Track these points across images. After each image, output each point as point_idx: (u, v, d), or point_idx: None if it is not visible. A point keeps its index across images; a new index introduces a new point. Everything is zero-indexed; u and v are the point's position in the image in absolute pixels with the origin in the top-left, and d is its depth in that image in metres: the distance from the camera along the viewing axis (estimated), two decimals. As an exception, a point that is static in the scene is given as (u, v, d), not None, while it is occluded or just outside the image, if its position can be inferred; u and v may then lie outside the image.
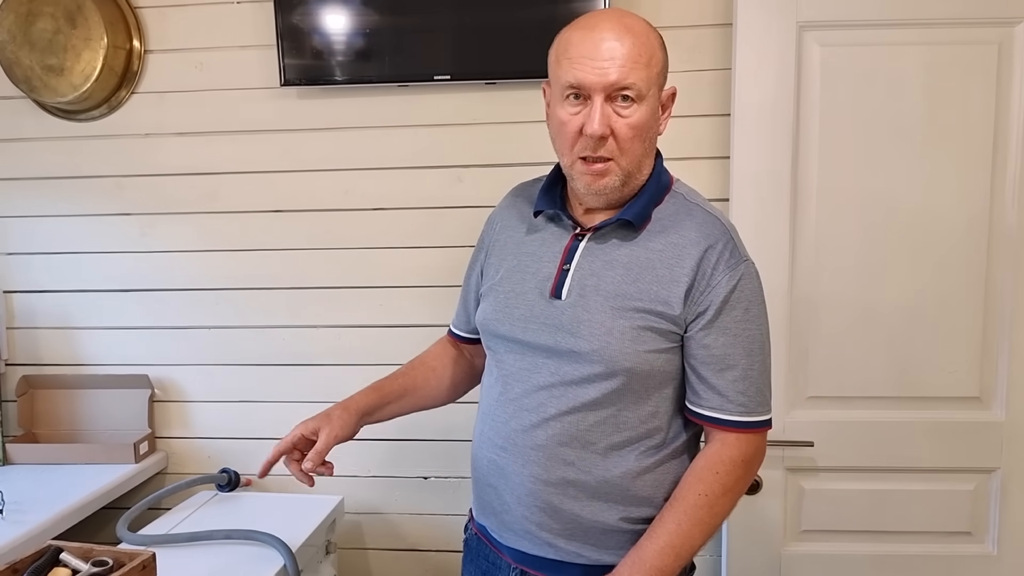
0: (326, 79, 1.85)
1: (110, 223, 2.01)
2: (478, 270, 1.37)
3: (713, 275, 1.15)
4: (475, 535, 1.36)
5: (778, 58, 1.69)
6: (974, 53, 1.66)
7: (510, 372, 1.24)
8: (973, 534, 1.79)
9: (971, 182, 1.70)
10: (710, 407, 1.17)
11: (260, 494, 1.97)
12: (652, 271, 1.16)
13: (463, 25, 1.80)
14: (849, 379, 1.76)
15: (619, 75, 1.09)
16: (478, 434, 1.31)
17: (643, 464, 1.19)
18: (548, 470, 1.18)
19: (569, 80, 1.12)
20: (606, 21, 1.12)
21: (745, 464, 1.18)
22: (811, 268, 1.74)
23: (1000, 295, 1.72)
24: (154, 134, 1.97)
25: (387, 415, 1.40)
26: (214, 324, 2.01)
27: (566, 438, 1.18)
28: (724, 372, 1.16)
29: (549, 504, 1.19)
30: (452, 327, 1.48)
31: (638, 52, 1.10)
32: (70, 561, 1.24)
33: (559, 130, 1.17)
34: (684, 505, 1.16)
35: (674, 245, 1.17)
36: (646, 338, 1.15)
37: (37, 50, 1.86)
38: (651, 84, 1.13)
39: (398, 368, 1.45)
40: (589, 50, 1.10)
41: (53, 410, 2.04)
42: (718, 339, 1.15)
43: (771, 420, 1.21)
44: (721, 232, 1.18)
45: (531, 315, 1.21)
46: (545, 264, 1.23)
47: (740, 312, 1.16)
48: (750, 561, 1.82)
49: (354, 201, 1.94)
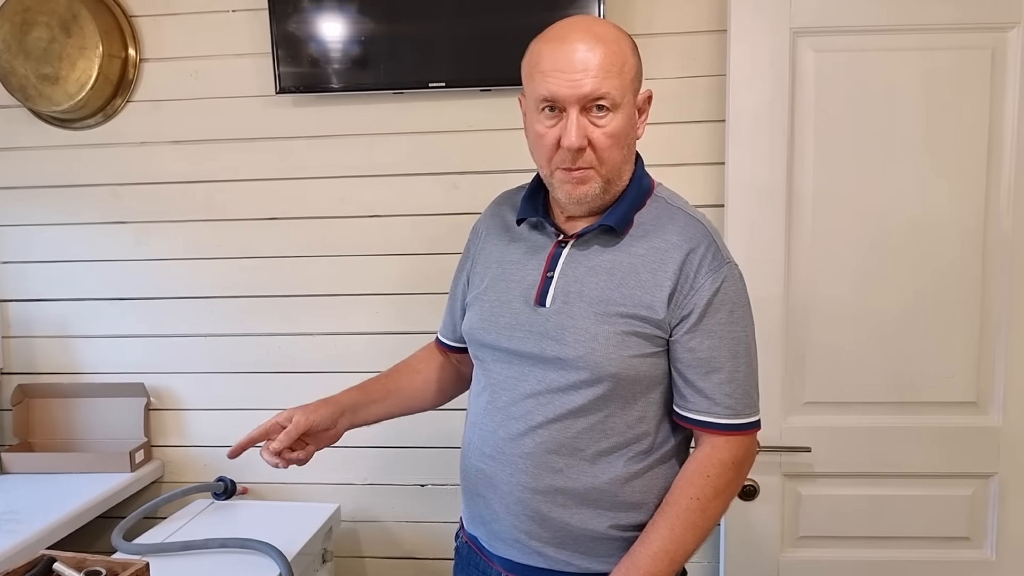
0: (322, 87, 1.86)
1: (105, 231, 2.00)
2: (464, 279, 1.37)
3: (696, 278, 1.15)
4: (466, 543, 1.36)
5: (772, 64, 1.70)
6: (968, 58, 1.67)
7: (497, 381, 1.24)
8: (971, 539, 1.78)
9: (966, 187, 1.70)
10: (697, 410, 1.17)
11: (256, 502, 1.97)
12: (635, 276, 1.16)
13: (458, 33, 1.80)
14: (846, 384, 1.76)
15: (593, 86, 1.09)
16: (466, 443, 1.31)
17: (631, 470, 1.18)
18: (536, 478, 1.18)
19: (543, 94, 1.11)
20: (576, 32, 1.12)
21: (736, 466, 1.17)
22: (807, 273, 1.74)
23: (996, 300, 1.72)
24: (149, 142, 1.97)
25: (372, 416, 1.39)
26: (210, 332, 2.01)
27: (554, 445, 1.17)
28: (710, 375, 1.16)
29: (538, 512, 1.19)
30: (439, 335, 1.47)
31: (610, 61, 1.10)
32: (63, 571, 1.24)
33: (536, 142, 1.17)
34: (676, 509, 1.16)
35: (656, 249, 1.17)
36: (631, 343, 1.15)
37: (32, 59, 1.86)
38: (625, 91, 1.12)
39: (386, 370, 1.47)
40: (561, 63, 1.10)
41: (48, 419, 2.04)
42: (703, 342, 1.15)
43: (760, 421, 1.20)
44: (703, 235, 1.18)
45: (516, 323, 1.21)
46: (529, 272, 1.23)
47: (724, 314, 1.16)
48: (748, 568, 1.82)
49: (350, 208, 1.94)
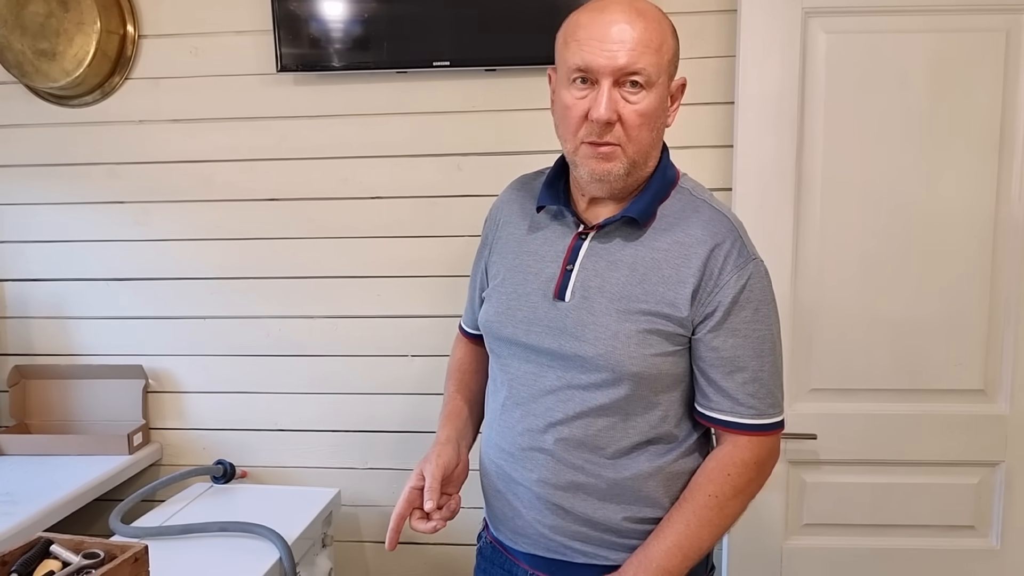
0: (323, 65, 1.82)
1: (103, 211, 1.98)
2: (483, 267, 1.33)
3: (721, 275, 1.11)
4: (490, 543, 1.33)
5: (783, 45, 1.67)
6: (981, 41, 1.64)
7: (515, 376, 1.21)
8: (976, 528, 1.77)
9: (977, 172, 1.67)
10: (720, 410, 1.14)
11: (256, 486, 1.96)
12: (658, 271, 1.12)
13: (462, 11, 1.77)
14: (853, 371, 1.74)
15: (628, 59, 1.05)
16: (485, 440, 1.28)
17: (655, 464, 1.16)
18: (557, 474, 1.16)
19: (576, 63, 1.08)
20: (618, 4, 1.08)
21: (758, 466, 1.15)
22: (815, 259, 1.72)
23: (1005, 287, 1.70)
24: (148, 121, 1.94)
25: (473, 429, 1.35)
26: (209, 314, 1.99)
27: (574, 443, 1.15)
28: (734, 374, 1.13)
29: (560, 507, 1.17)
30: (464, 325, 1.43)
31: (649, 37, 1.06)
32: (61, 553, 1.22)
33: (563, 114, 1.12)
34: (693, 506, 1.13)
35: (680, 244, 1.13)
36: (652, 341, 1.11)
37: (29, 34, 1.83)
38: (661, 71, 1.09)
39: (445, 389, 1.40)
40: (598, 32, 1.06)
41: (45, 400, 2.02)
42: (727, 341, 1.12)
43: (783, 421, 1.18)
44: (728, 230, 1.14)
45: (534, 317, 1.17)
46: (548, 264, 1.19)
47: (750, 312, 1.12)
48: (752, 555, 1.81)
49: (351, 189, 1.91)
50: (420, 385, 1.95)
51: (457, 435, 1.28)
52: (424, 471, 1.18)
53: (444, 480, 1.19)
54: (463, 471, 1.25)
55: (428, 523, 1.16)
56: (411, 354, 1.94)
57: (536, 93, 1.80)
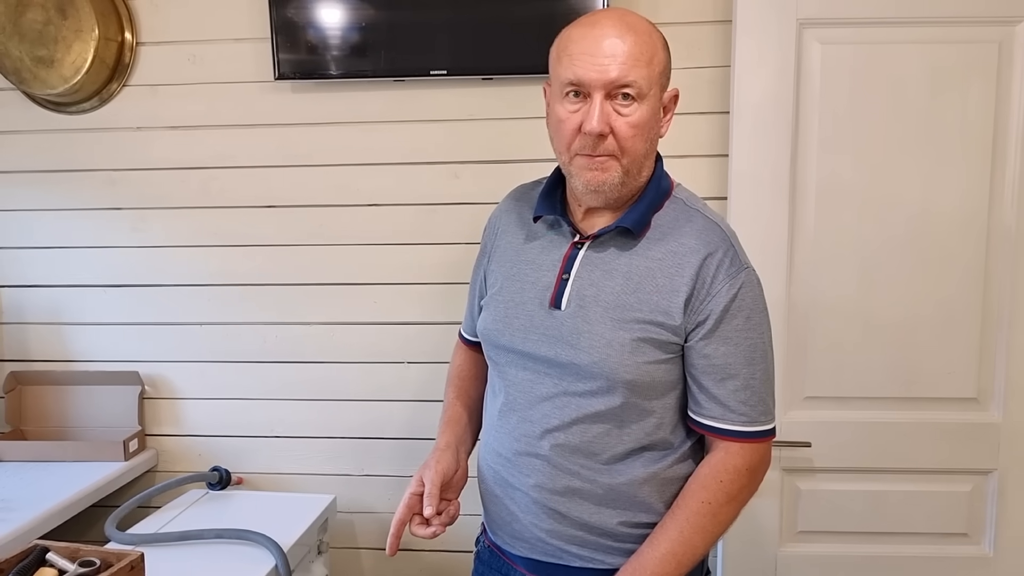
0: (321, 73, 1.83)
1: (101, 217, 1.98)
2: (482, 275, 1.35)
3: (713, 284, 1.13)
4: (487, 548, 1.34)
5: (778, 55, 1.68)
6: (975, 52, 1.65)
7: (512, 383, 1.22)
8: (970, 535, 1.78)
9: (970, 181, 1.69)
10: (712, 417, 1.16)
11: (252, 493, 1.96)
12: (652, 280, 1.14)
13: (460, 20, 1.78)
14: (847, 379, 1.75)
15: (619, 72, 1.07)
16: (483, 445, 1.30)
17: (650, 470, 1.17)
18: (553, 479, 1.17)
19: (569, 77, 1.10)
20: (608, 19, 1.11)
21: (750, 473, 1.16)
22: (809, 267, 1.73)
23: (998, 295, 1.71)
24: (146, 127, 1.94)
25: (472, 436, 1.37)
26: (206, 320, 1.99)
27: (570, 449, 1.16)
28: (725, 382, 1.14)
29: (556, 512, 1.18)
30: (464, 333, 1.44)
31: (639, 50, 1.08)
32: (56, 561, 1.22)
33: (557, 128, 1.14)
34: (687, 512, 1.14)
35: (673, 253, 1.15)
36: (645, 350, 1.13)
37: (27, 41, 1.83)
38: (652, 83, 1.10)
39: (445, 396, 1.41)
40: (590, 47, 1.08)
41: (41, 406, 2.01)
42: (719, 348, 1.13)
43: (775, 429, 1.19)
44: (721, 239, 1.15)
45: (531, 325, 1.19)
46: (544, 273, 1.21)
47: (741, 321, 1.14)
48: (746, 562, 1.81)
49: (348, 197, 1.91)
50: (416, 392, 1.95)
51: (456, 441, 1.30)
52: (424, 477, 1.20)
53: (443, 486, 1.21)
54: (462, 477, 1.27)
55: (428, 528, 1.17)
56: (407, 361, 1.95)
57: (532, 102, 1.81)
